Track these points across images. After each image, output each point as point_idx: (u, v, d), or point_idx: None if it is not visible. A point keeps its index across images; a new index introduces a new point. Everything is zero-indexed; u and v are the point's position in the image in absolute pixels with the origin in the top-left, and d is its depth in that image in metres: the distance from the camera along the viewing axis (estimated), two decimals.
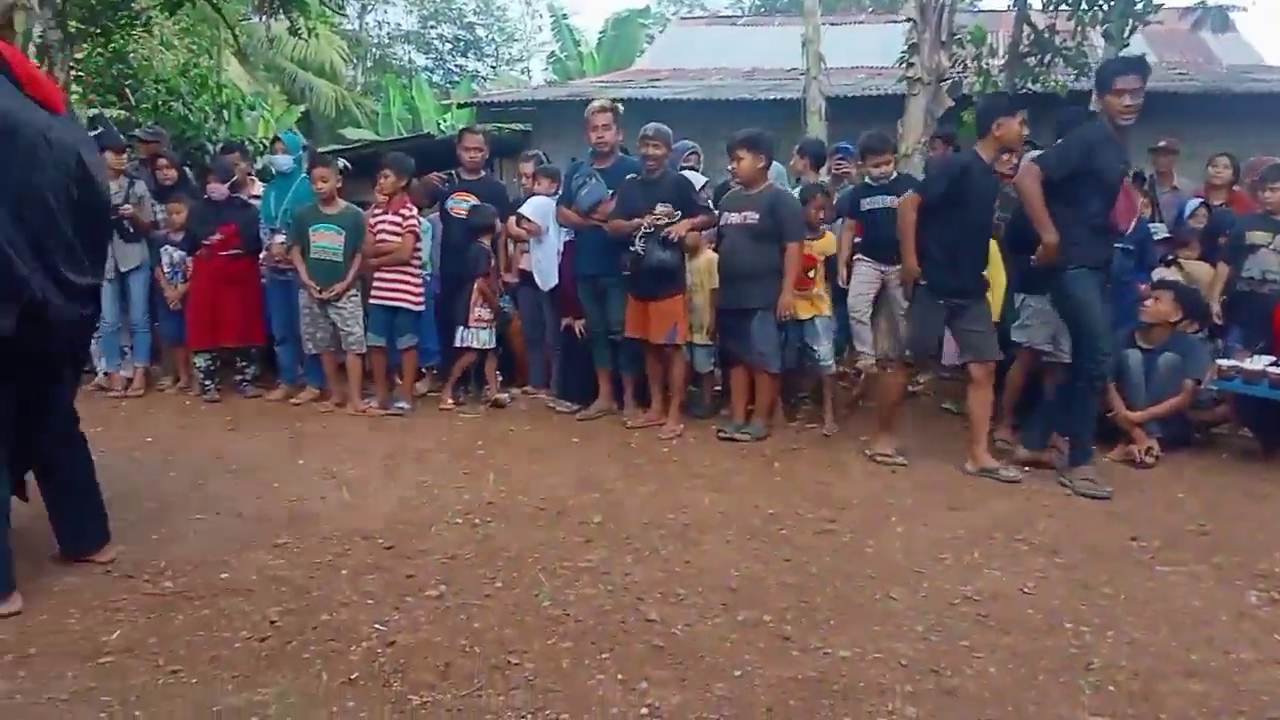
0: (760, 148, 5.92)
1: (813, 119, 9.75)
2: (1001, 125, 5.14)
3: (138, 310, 7.06)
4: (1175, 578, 3.79)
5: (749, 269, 5.85)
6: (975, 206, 5.14)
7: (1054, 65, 8.95)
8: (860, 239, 6.44)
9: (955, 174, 5.13)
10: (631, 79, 15.83)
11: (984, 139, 5.20)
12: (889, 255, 6.42)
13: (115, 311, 6.93)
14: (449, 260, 7.03)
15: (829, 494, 4.83)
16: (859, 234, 6.44)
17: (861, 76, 14.12)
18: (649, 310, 5.99)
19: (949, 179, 5.13)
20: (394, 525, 4.28)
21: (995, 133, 5.15)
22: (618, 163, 6.36)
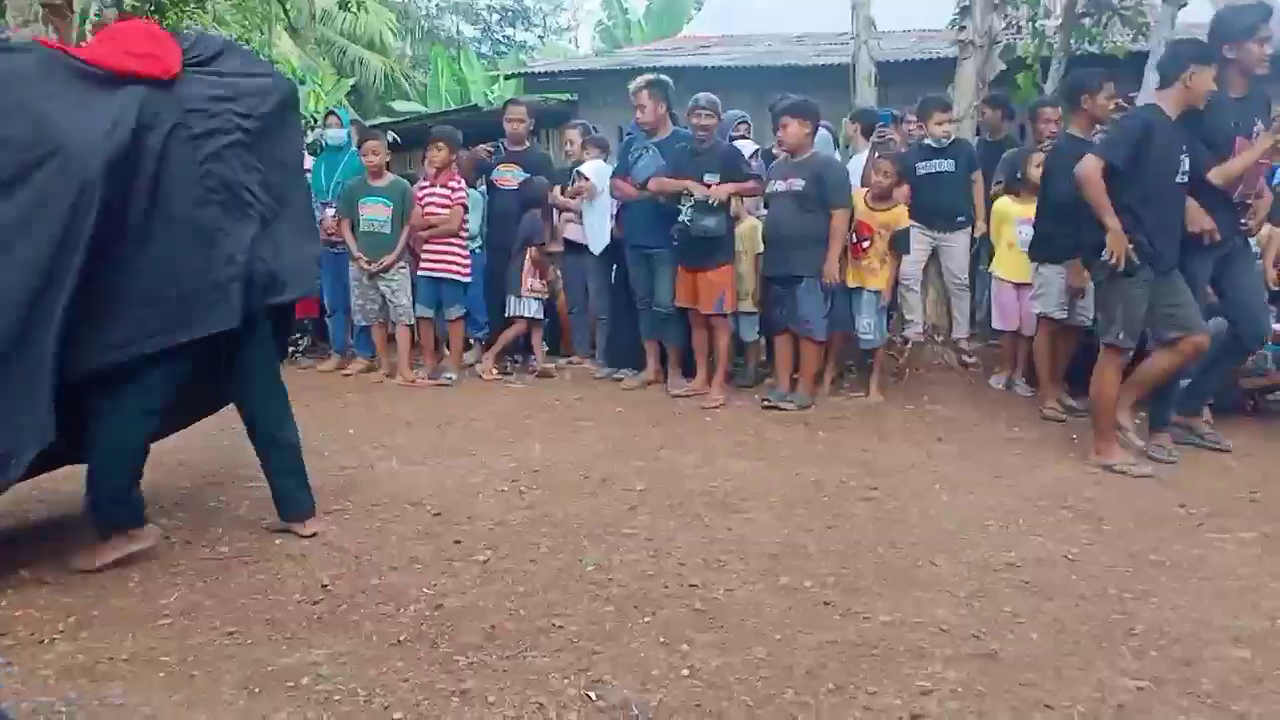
0: (806, 115, 5.90)
1: (862, 84, 9.57)
2: (1194, 76, 4.53)
3: None
4: (1222, 545, 3.75)
5: (795, 236, 5.85)
6: (1161, 168, 4.58)
7: (1111, 25, 8.72)
8: (912, 204, 6.40)
9: (1138, 134, 4.57)
10: (681, 46, 15.71)
11: (1168, 89, 4.65)
12: (943, 222, 6.41)
13: None
14: (496, 231, 7.10)
15: (873, 462, 4.83)
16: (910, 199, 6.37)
17: (912, 40, 13.86)
18: (698, 280, 6.01)
19: (1133, 141, 4.56)
20: (441, 493, 4.38)
21: (1186, 82, 4.55)
22: (673, 135, 6.36)
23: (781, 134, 5.97)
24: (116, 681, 2.70)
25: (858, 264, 6.01)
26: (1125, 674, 2.75)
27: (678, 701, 2.59)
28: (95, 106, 3.14)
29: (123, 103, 3.17)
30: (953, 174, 6.46)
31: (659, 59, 13.24)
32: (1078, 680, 2.72)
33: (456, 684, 2.68)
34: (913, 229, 6.35)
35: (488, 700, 2.60)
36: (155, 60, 3.29)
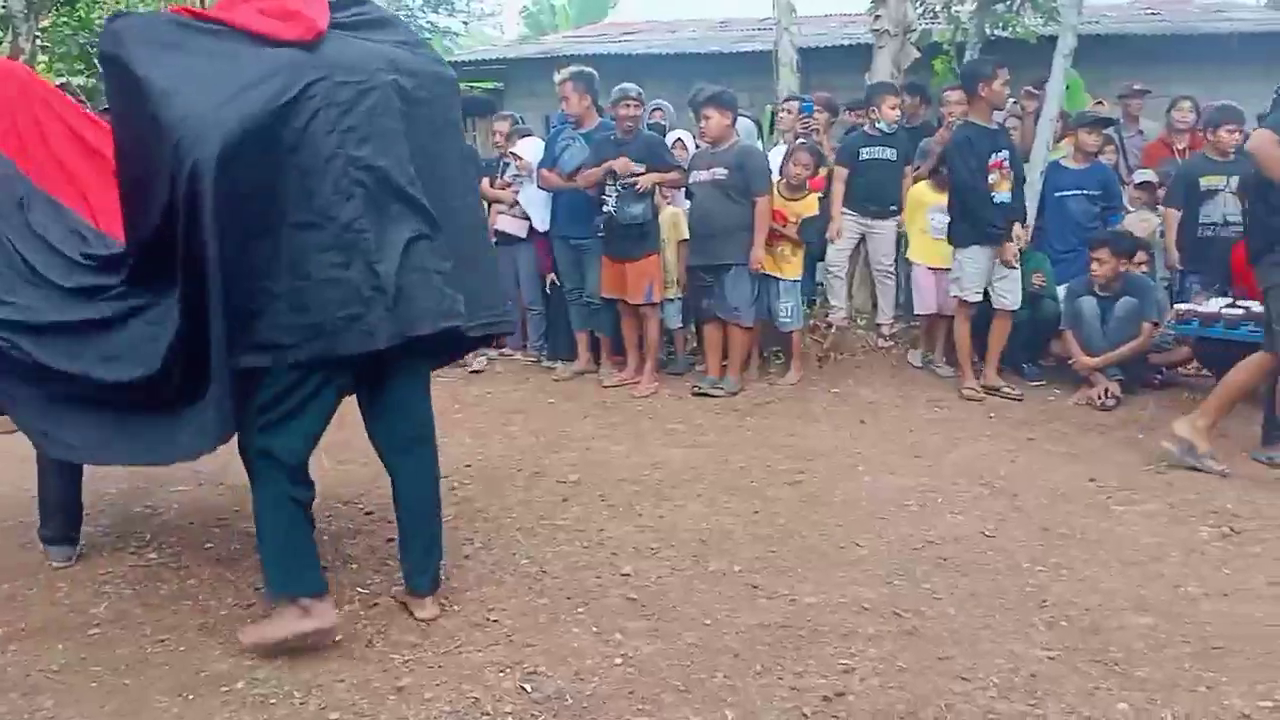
0: (726, 105, 5.99)
1: (784, 71, 9.69)
2: None
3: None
4: (1130, 517, 3.94)
5: (721, 225, 5.94)
6: None
7: (1023, 11, 8.95)
8: (849, 189, 6.61)
9: None
10: (605, 33, 15.71)
11: None
12: (876, 209, 6.58)
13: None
14: None
15: (798, 446, 4.95)
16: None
17: (834, 25, 14.06)
18: (625, 271, 6.06)
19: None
20: (374, 490, 4.36)
21: None
22: (599, 126, 6.39)
23: (703, 125, 6.05)
24: (47, 694, 2.68)
25: (773, 252, 6.11)
26: (1037, 645, 2.89)
27: (611, 689, 2.66)
28: (218, 76, 2.61)
29: (255, 70, 2.64)
30: (893, 162, 6.63)
31: (584, 46, 13.22)
32: (993, 652, 2.85)
33: (393, 681, 2.72)
34: (845, 216, 6.51)
35: (424, 696, 2.64)
36: (298, 19, 2.74)
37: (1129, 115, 7.80)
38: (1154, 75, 9.40)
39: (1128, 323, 5.68)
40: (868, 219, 6.68)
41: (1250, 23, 11.78)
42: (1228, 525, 3.79)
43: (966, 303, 5.87)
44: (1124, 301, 5.71)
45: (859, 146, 6.65)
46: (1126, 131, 7.68)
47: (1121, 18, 12.20)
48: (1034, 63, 8.30)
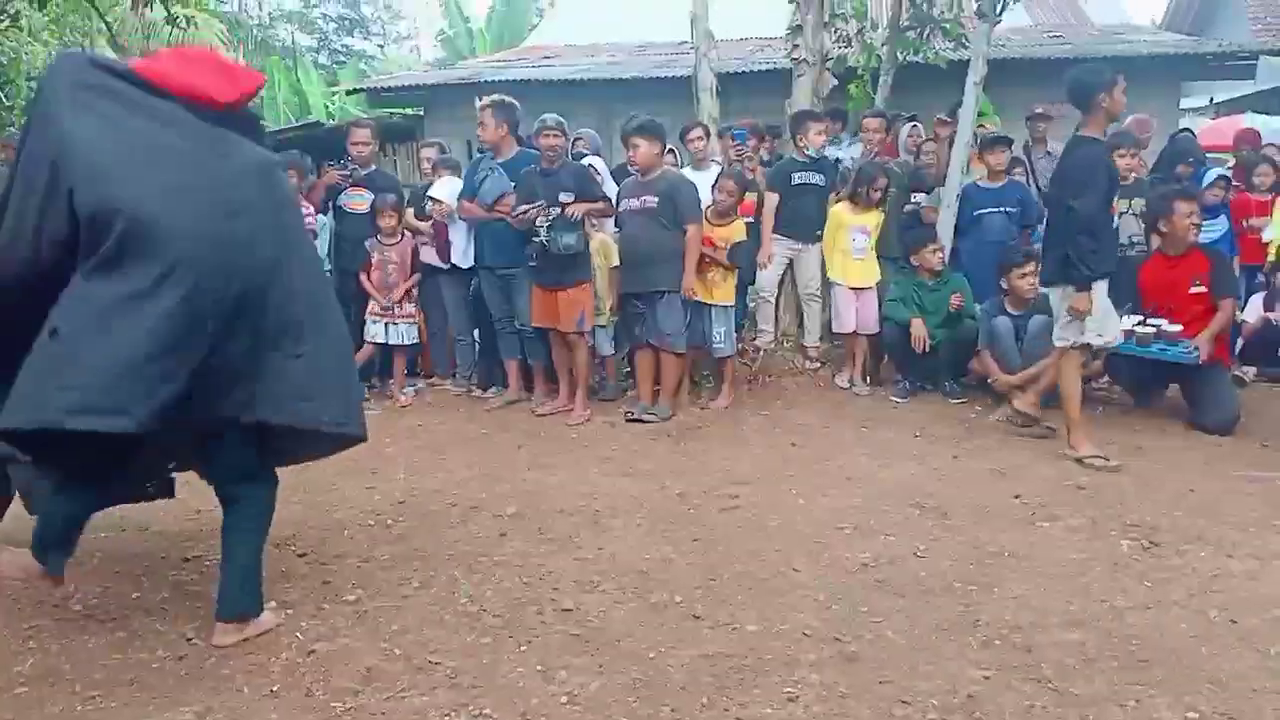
0: (655, 134, 6.07)
1: (704, 96, 9.83)
2: None
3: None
4: (1055, 532, 4.06)
5: (652, 253, 6.00)
6: None
7: (934, 36, 9.24)
8: (780, 215, 6.73)
9: None
10: (524, 56, 15.73)
11: None
12: (804, 233, 6.71)
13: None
14: (345, 255, 6.99)
15: (732, 471, 5.00)
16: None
17: (751, 49, 14.30)
18: (557, 299, 6.06)
19: None
20: (307, 530, 4.30)
21: None
22: (518, 155, 6.39)
23: (632, 154, 6.10)
24: None
25: (704, 278, 6.18)
26: (973, 664, 2.97)
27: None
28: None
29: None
30: (821, 187, 6.78)
31: (505, 72, 13.23)
32: (931, 674, 2.91)
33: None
34: (775, 241, 6.63)
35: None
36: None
37: (1037, 137, 8.08)
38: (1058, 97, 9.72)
39: (1042, 339, 5.87)
40: (797, 243, 6.80)
41: (1147, 44, 12.33)
42: (1147, 538, 3.94)
43: (1086, 347, 5.10)
44: (1037, 319, 5.91)
45: (790, 172, 6.77)
46: (1036, 153, 7.96)
47: (1025, 41, 12.65)
48: (945, 86, 8.59)
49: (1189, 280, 5.55)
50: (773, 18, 13.41)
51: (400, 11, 33.59)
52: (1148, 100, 10.78)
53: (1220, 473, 4.80)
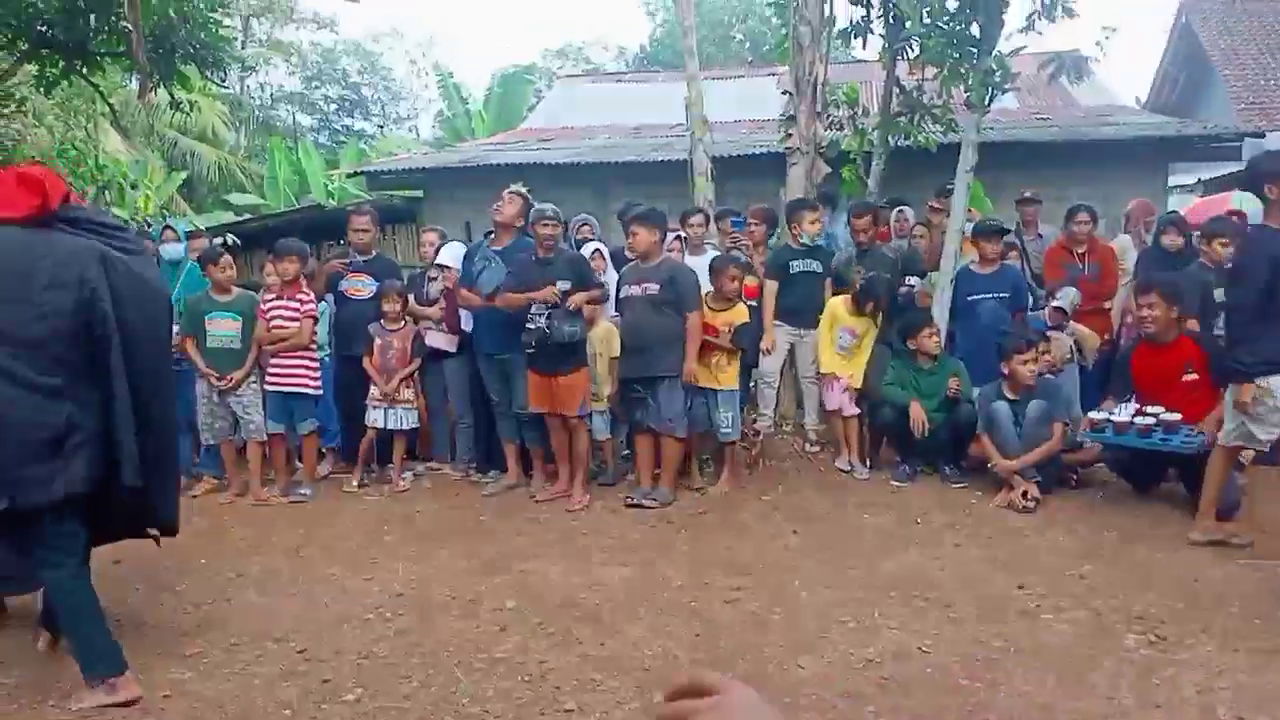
0: (655, 223, 6.17)
1: (700, 180, 10.00)
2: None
3: None
4: (1059, 625, 4.04)
5: (653, 338, 6.05)
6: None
7: (923, 122, 9.43)
8: (779, 302, 6.84)
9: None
10: (522, 140, 16.00)
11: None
12: (805, 319, 6.79)
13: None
14: (346, 341, 7.03)
15: (734, 560, 4.98)
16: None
17: (744, 132, 14.58)
18: (555, 385, 6.09)
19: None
20: (305, 626, 4.26)
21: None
22: (516, 242, 6.48)
23: (632, 241, 6.20)
24: None
25: (708, 363, 6.23)
26: None
27: None
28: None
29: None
30: (819, 274, 6.88)
31: (502, 155, 13.46)
32: None
33: None
34: (777, 327, 6.71)
35: None
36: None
37: (1026, 220, 8.22)
38: (1046, 178, 9.98)
39: (1040, 424, 5.90)
40: (797, 329, 6.89)
41: (1133, 127, 12.60)
42: (1152, 631, 3.92)
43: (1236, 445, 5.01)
44: (1035, 404, 5.95)
45: (788, 260, 6.89)
46: (1026, 235, 8.08)
47: (1013, 123, 12.92)
48: (937, 169, 8.76)
49: (1180, 368, 5.59)
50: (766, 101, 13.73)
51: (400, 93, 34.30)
52: (1137, 182, 11.01)
53: (1223, 561, 4.79)
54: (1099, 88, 16.19)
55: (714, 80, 16.29)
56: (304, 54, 31.99)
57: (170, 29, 10.60)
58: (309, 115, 31.97)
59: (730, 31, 29.23)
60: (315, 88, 31.96)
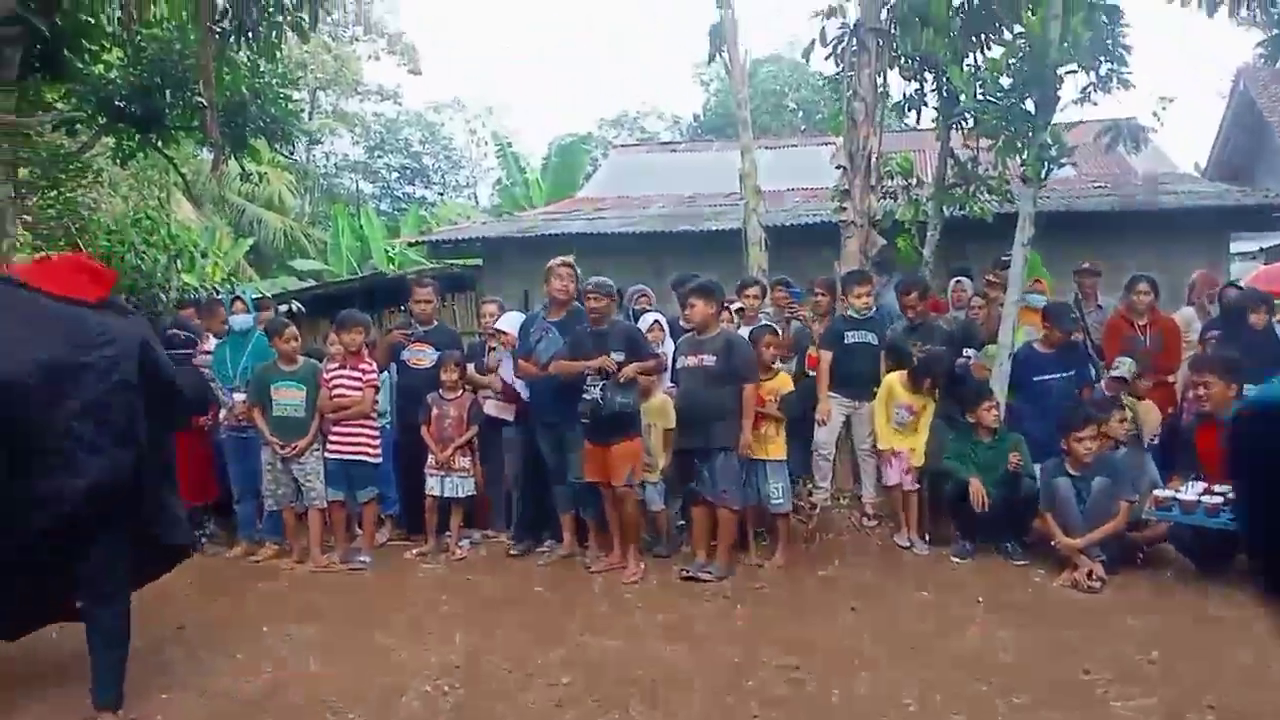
0: (712, 295, 6.23)
1: (753, 250, 10.09)
2: None
3: None
4: (1127, 714, 3.93)
5: (709, 410, 6.07)
6: None
7: (979, 193, 9.45)
8: (834, 373, 6.83)
9: None
10: (577, 208, 16.29)
11: None
12: (860, 391, 6.78)
13: None
14: (407, 410, 7.15)
15: (791, 639, 4.92)
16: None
17: (798, 200, 14.71)
18: (608, 454, 6.13)
19: None
20: (363, 697, 4.29)
21: None
22: (572, 313, 6.58)
23: (690, 313, 6.25)
24: None
25: (756, 433, 6.23)
26: None
27: None
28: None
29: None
30: (874, 346, 6.88)
31: (558, 225, 13.71)
32: None
33: None
34: (831, 398, 6.70)
35: None
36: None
37: (1085, 292, 8.14)
38: (1105, 248, 9.89)
39: (1104, 502, 5.79)
40: (853, 401, 6.87)
41: (1193, 196, 12.48)
42: None
43: None
44: (1099, 481, 5.84)
45: (842, 331, 6.91)
46: (1085, 307, 8.00)
47: (1070, 192, 12.86)
48: (993, 239, 8.75)
49: None
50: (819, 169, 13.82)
51: (459, 162, 35.14)
52: (1197, 251, 10.89)
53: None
54: (1157, 154, 16.10)
55: (767, 149, 16.53)
56: (368, 124, 33.03)
57: (242, 104, 11.02)
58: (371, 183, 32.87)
59: (783, 100, 29.58)
60: (378, 156, 32.90)
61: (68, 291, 3.97)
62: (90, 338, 3.84)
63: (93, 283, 4.13)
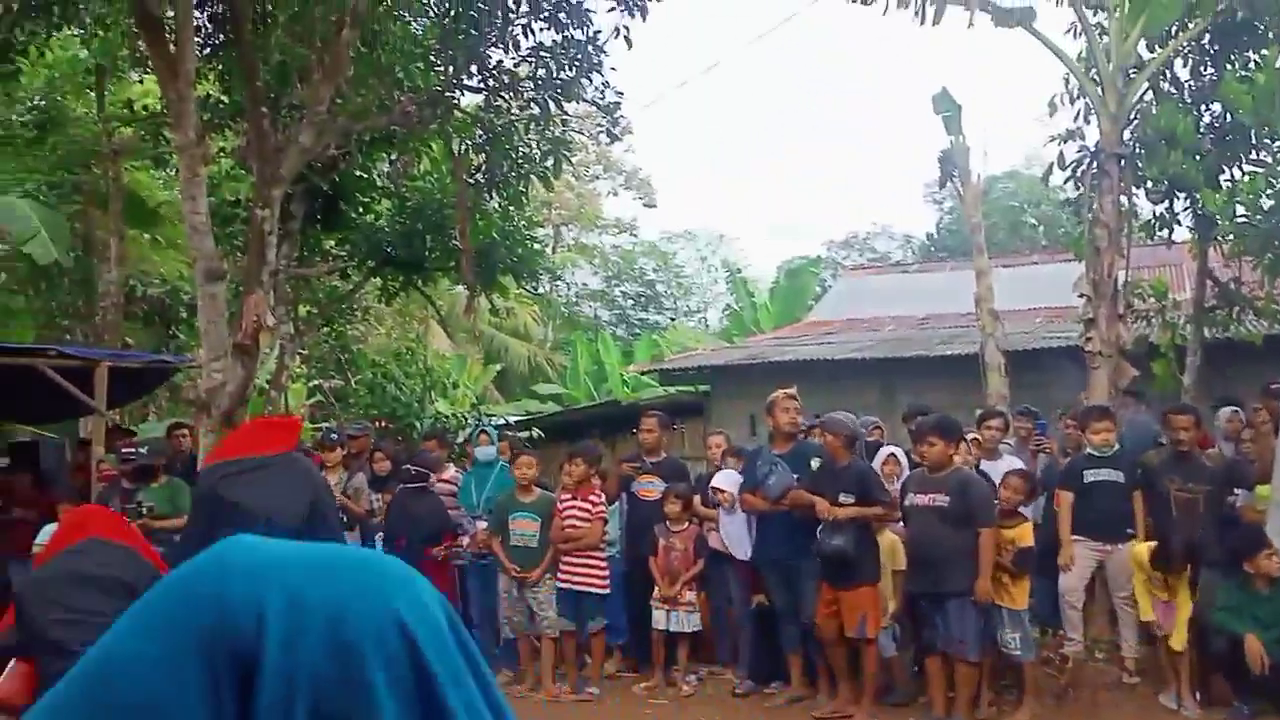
0: (950, 434, 6.02)
1: (992, 376, 9.71)
2: None
3: None
4: None
5: (941, 553, 5.81)
6: None
7: (1244, 315, 8.73)
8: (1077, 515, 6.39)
9: None
10: (806, 332, 16.32)
11: None
12: (1109, 534, 6.31)
13: None
14: (636, 541, 7.27)
15: None
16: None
17: (1040, 321, 14.08)
18: (840, 599, 5.96)
19: None
20: None
21: None
22: (798, 447, 6.54)
23: (926, 450, 6.02)
24: None
25: (995, 577, 5.86)
26: None
27: None
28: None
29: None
30: (1120, 484, 6.40)
31: (786, 351, 13.76)
32: None
33: None
34: (1077, 543, 6.27)
35: None
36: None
37: None
38: None
39: None
40: (1102, 544, 6.37)
41: None
42: None
43: None
44: None
45: (1082, 469, 6.47)
46: None
47: None
48: (1263, 364, 8.01)
49: None
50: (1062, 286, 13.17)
51: (690, 288, 36.22)
52: None
53: None
54: None
55: (1005, 268, 15.99)
56: (606, 255, 34.78)
57: (493, 246, 11.95)
58: (608, 310, 34.38)
59: (1021, 216, 28.71)
60: (615, 285, 34.46)
61: (274, 447, 4.29)
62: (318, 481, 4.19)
63: (289, 435, 4.47)
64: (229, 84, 9.83)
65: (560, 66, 8.50)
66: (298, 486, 4.05)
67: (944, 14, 7.93)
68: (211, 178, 9.49)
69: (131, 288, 13.27)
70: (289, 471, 4.12)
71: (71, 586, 3.08)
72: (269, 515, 3.66)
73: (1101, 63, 7.97)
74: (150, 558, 3.63)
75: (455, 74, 8.81)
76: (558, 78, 8.50)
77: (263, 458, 4.07)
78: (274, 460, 4.11)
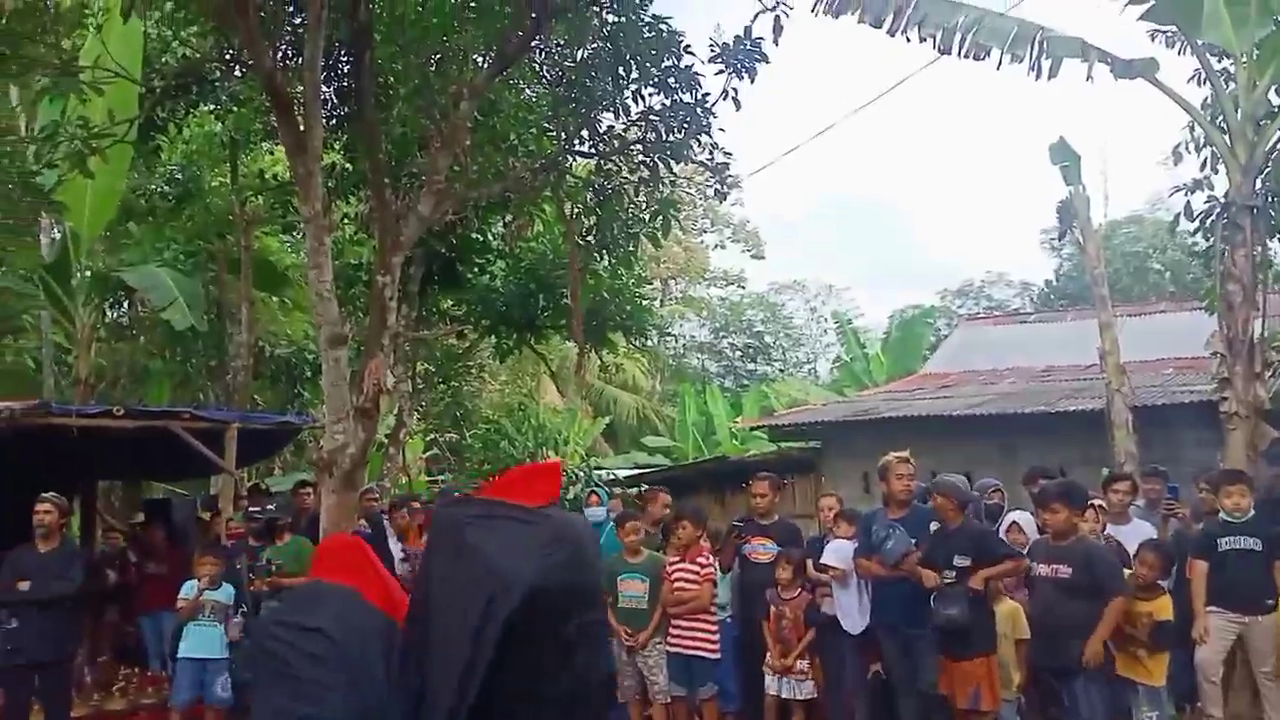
0: (1075, 502, 5.80)
1: (1119, 434, 9.33)
2: None
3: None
4: None
5: (1064, 624, 5.57)
6: None
7: None
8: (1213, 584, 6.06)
9: None
10: (920, 386, 15.96)
11: None
12: (1247, 605, 5.97)
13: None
14: (748, 604, 7.16)
15: None
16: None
17: (1169, 373, 13.47)
18: (953, 670, 5.76)
19: None
20: None
21: None
22: (914, 512, 6.37)
23: (1050, 519, 5.80)
24: None
25: (1129, 651, 5.59)
26: None
27: None
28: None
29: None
30: (1258, 553, 6.04)
31: (899, 407, 13.44)
32: None
33: None
34: (1212, 614, 5.93)
35: None
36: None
37: None
38: None
39: None
40: (1239, 615, 6.01)
41: None
42: None
43: None
44: None
45: (1216, 536, 6.12)
46: None
47: None
48: None
49: None
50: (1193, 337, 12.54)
51: (799, 339, 35.94)
52: None
53: None
54: None
55: (1131, 318, 15.39)
56: (713, 308, 34.84)
57: (603, 304, 12.14)
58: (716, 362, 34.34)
59: (1147, 262, 27.65)
60: (722, 337, 34.44)
61: (534, 499, 4.10)
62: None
63: (550, 484, 4.33)
64: (353, 154, 10.28)
65: (670, 129, 8.61)
66: (540, 544, 3.93)
67: (1060, 69, 7.77)
68: (336, 242, 9.93)
69: (260, 349, 13.91)
70: (534, 528, 4.02)
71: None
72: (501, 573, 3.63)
73: (1229, 111, 7.68)
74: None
75: (568, 140, 9.01)
76: (667, 140, 8.60)
77: (518, 507, 4.08)
78: (530, 515, 4.04)
